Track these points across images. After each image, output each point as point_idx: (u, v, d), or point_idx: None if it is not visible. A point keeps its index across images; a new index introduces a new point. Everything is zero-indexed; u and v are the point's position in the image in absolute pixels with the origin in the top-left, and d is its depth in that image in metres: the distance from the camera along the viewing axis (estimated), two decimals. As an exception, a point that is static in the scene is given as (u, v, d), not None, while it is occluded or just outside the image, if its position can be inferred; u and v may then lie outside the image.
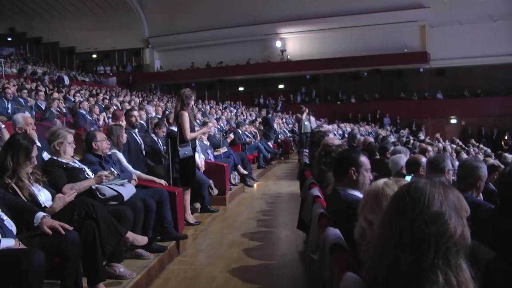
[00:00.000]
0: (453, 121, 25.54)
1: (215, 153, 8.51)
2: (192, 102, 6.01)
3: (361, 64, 25.87)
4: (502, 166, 7.07)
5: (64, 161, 3.91)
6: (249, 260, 4.80)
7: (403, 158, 5.11)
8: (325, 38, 27.02)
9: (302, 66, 26.86)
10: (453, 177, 4.00)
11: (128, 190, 4.05)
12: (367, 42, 25.78)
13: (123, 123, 6.59)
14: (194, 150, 5.94)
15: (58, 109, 10.64)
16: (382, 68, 25.91)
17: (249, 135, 12.31)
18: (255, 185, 9.66)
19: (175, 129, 5.96)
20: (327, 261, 2.42)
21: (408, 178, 3.30)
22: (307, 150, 9.12)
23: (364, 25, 25.76)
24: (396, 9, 25.17)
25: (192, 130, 5.88)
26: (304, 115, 12.95)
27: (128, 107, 11.52)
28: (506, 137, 23.72)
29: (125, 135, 5.35)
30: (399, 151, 5.82)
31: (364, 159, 3.04)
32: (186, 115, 5.72)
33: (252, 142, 11.92)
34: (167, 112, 9.83)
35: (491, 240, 2.76)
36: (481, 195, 3.66)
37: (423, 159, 4.47)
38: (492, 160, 8.81)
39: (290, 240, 5.47)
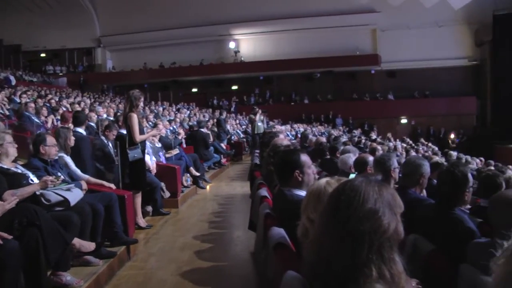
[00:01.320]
0: (404, 121, 26.32)
1: (167, 155, 8.42)
2: (141, 104, 5.90)
3: (314, 66, 26.19)
4: (446, 164, 7.32)
5: (5, 166, 3.76)
6: (201, 262, 4.79)
7: (351, 158, 5.19)
8: (278, 40, 27.20)
9: (256, 67, 26.91)
10: (400, 175, 4.13)
11: (74, 195, 3.94)
12: (320, 44, 26.09)
13: (72, 126, 6.43)
14: (143, 152, 5.85)
15: (1, 111, 10.20)
16: (335, 69, 26.32)
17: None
18: (207, 187, 9.63)
19: (125, 131, 5.85)
20: (271, 260, 2.45)
21: (352, 176, 3.37)
22: (258, 151, 9.17)
23: (317, 27, 26.10)
24: (349, 12, 25.66)
25: (141, 132, 5.79)
26: (258, 116, 13.02)
27: (79, 108, 11.23)
28: (452, 136, 24.77)
29: (73, 138, 5.21)
30: (348, 150, 5.94)
31: (305, 158, 3.08)
32: (135, 117, 5.63)
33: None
34: (118, 114, 9.62)
35: (431, 234, 2.88)
36: (424, 191, 3.80)
37: (370, 158, 4.57)
38: (437, 158, 9.12)
39: (242, 240, 5.49)
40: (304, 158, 3.08)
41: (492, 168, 10.19)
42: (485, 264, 1.25)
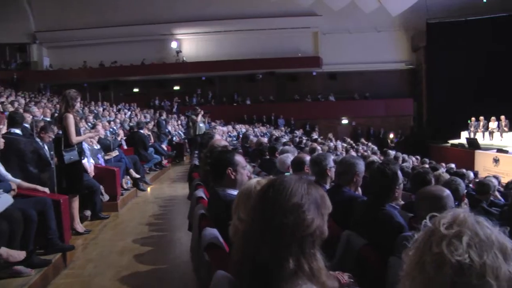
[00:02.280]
0: (345, 121, 27.01)
1: (106, 157, 8.22)
2: (78, 104, 5.73)
3: (257, 67, 26.35)
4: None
5: None
6: (140, 266, 4.72)
7: (289, 157, 5.27)
8: (221, 40, 27.13)
9: (198, 67, 26.66)
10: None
11: (3, 201, 3.77)
12: (262, 45, 26.30)
13: (3, 127, 6.14)
14: (80, 154, 5.67)
15: None
16: (277, 71, 26.63)
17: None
18: (148, 189, 9.49)
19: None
20: (204, 261, 2.46)
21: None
22: (198, 152, 9.15)
23: (259, 29, 26.28)
24: (291, 15, 25.98)
25: (78, 133, 5.62)
26: (199, 117, 12.95)
27: (11, 109, 10.72)
28: (391, 136, 25.80)
29: (2, 140, 4.97)
30: (287, 150, 6.03)
31: (239, 158, 3.12)
32: (71, 118, 5.45)
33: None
34: (56, 115, 9.29)
35: (363, 229, 2.99)
36: (359, 189, 3.92)
37: (307, 158, 4.64)
38: (374, 157, 9.42)
39: (182, 242, 5.44)
40: (239, 158, 3.13)
41: (427, 165, 10.68)
42: None
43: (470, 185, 8.19)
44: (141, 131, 11.37)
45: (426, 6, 22.87)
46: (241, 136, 15.40)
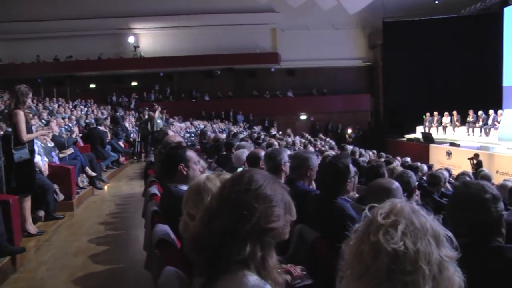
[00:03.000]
0: (303, 117, 27.28)
1: (60, 155, 8.00)
2: (29, 100, 5.53)
3: (215, 63, 26.22)
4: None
5: None
6: (96, 266, 4.62)
7: (245, 153, 5.27)
8: (179, 36, 26.78)
9: (156, 63, 26.21)
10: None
11: None
12: (221, 41, 26.19)
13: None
14: (31, 152, 5.49)
15: None
16: (236, 67, 26.55)
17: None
18: (105, 187, 9.30)
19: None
20: (154, 257, 2.45)
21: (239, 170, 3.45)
22: (153, 149, 9.06)
23: (218, 24, 26.05)
24: (249, 11, 25.97)
25: (29, 131, 5.44)
26: (157, 113, 12.80)
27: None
28: (349, 131, 26.37)
29: None
30: (243, 146, 6.03)
31: (190, 154, 3.11)
32: (21, 114, 5.26)
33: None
34: (5, 112, 8.95)
35: (316, 222, 3.03)
36: (313, 183, 3.96)
37: (262, 153, 4.65)
38: (331, 152, 9.56)
39: (139, 240, 5.31)
40: (190, 153, 3.11)
41: (383, 159, 10.94)
42: None
43: (424, 177, 8.42)
44: (100, 127, 11.14)
45: (382, 5, 23.44)
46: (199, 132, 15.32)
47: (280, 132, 19.58)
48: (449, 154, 17.09)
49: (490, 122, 18.05)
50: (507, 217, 4.47)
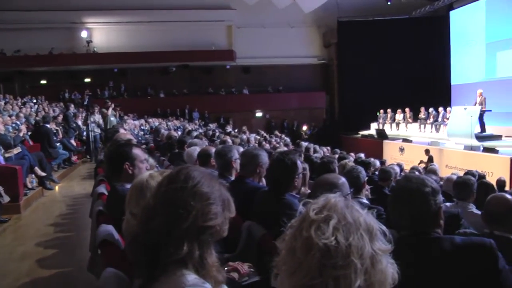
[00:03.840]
0: (259, 114, 27.43)
1: (6, 155, 7.69)
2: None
3: (170, 59, 25.88)
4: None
5: None
6: (42, 271, 4.46)
7: (197, 150, 5.22)
8: (134, 31, 26.23)
9: (110, 59, 25.52)
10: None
11: None
12: (176, 37, 25.85)
13: None
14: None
15: None
16: (191, 64, 26.33)
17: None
18: (56, 188, 9.03)
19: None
20: (97, 258, 2.40)
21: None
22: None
23: (174, 20, 25.78)
24: (205, 8, 25.81)
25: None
26: (110, 110, 12.52)
27: None
28: (304, 128, 26.72)
29: None
30: (195, 143, 5.98)
31: (137, 152, 3.06)
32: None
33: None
34: None
35: (264, 219, 3.04)
36: (263, 180, 3.97)
37: (213, 150, 4.63)
38: (285, 149, 9.63)
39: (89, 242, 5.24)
40: (137, 151, 3.05)
41: (337, 155, 11.13)
42: None
43: (376, 172, 8.61)
44: (47, 125, 10.78)
45: (337, 5, 23.79)
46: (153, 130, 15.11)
47: (235, 130, 19.56)
48: (402, 149, 17.59)
49: (440, 118, 18.79)
50: (449, 209, 4.67)
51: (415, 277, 1.88)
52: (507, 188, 9.31)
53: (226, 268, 2.28)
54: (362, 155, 11.80)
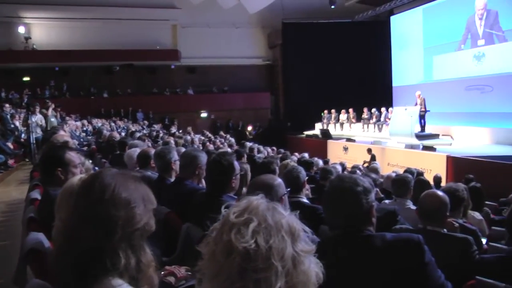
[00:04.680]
0: (204, 115, 27.27)
1: None
2: None
3: (114, 58, 25.14)
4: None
5: None
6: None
7: (137, 152, 5.13)
8: (76, 28, 25.22)
9: (50, 56, 24.33)
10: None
11: None
12: (120, 36, 25.10)
13: None
14: None
15: None
16: (135, 63, 25.75)
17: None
18: (-10, 192, 8.60)
19: None
20: (23, 269, 2.29)
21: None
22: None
23: (117, 18, 25.01)
24: (149, 6, 25.32)
25: None
26: (50, 110, 12.08)
27: None
28: (249, 128, 26.84)
29: None
30: (136, 145, 5.87)
31: (70, 156, 2.95)
32: None
33: None
34: None
35: (202, 220, 3.02)
36: (203, 181, 3.94)
37: (153, 152, 4.58)
38: (229, 150, 9.64)
39: (23, 250, 4.99)
40: (70, 156, 2.93)
41: (280, 155, 11.28)
42: None
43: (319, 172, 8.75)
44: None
45: (282, 7, 24.00)
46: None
47: (180, 130, 19.36)
48: (345, 149, 18.06)
49: (382, 118, 19.51)
50: (387, 205, 4.82)
51: (349, 274, 1.95)
52: (443, 184, 9.71)
53: (162, 273, 2.24)
54: (306, 155, 11.97)
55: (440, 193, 3.28)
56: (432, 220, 3.14)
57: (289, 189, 2.89)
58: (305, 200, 3.91)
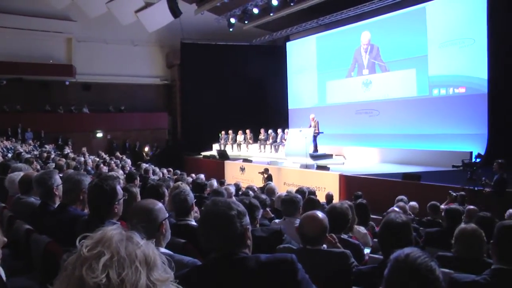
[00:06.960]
0: (99, 135, 26.15)
1: None
2: None
3: (1, 71, 23.00)
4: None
5: None
6: None
7: (20, 176, 4.80)
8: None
9: None
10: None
11: None
12: (9, 47, 23.12)
13: None
14: None
15: None
16: (25, 77, 23.88)
17: None
18: None
19: None
20: None
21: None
22: None
23: (5, 26, 22.93)
24: (42, 16, 23.66)
25: None
26: None
27: None
28: (146, 149, 26.29)
29: None
30: (20, 168, 5.49)
31: None
32: None
33: None
34: None
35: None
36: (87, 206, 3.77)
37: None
38: (119, 172, 9.43)
39: None
40: None
41: (175, 177, 11.23)
42: None
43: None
44: None
45: (181, 26, 23.98)
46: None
47: (72, 151, 18.38)
48: (242, 169, 18.33)
49: (278, 139, 20.19)
50: (275, 225, 4.98)
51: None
52: (335, 200, 10.22)
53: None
54: (202, 176, 11.99)
55: (320, 215, 3.43)
56: (312, 243, 3.34)
57: (170, 213, 2.87)
58: (193, 223, 3.90)
